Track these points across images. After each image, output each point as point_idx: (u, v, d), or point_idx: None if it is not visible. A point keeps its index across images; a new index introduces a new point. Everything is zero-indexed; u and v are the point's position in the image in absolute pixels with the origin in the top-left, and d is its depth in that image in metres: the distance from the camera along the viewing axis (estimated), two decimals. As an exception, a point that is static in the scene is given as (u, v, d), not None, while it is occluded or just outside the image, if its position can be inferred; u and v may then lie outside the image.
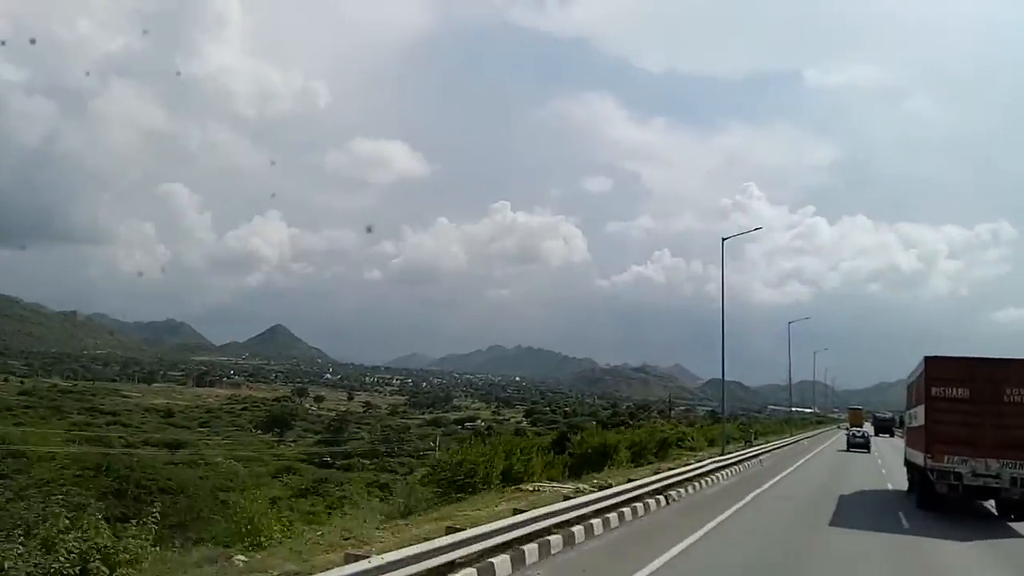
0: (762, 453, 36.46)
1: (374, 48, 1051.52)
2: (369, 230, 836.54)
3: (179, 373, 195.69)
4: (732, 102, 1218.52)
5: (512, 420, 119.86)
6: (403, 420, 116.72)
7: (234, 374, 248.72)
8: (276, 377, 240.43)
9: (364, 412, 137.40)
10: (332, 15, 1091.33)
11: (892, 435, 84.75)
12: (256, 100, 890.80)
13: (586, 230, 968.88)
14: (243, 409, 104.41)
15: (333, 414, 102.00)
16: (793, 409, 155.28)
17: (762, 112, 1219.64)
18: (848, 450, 48.86)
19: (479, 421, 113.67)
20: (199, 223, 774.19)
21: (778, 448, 43.72)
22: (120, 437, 68.03)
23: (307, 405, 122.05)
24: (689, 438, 39.18)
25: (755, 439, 44.49)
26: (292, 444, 74.44)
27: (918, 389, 20.51)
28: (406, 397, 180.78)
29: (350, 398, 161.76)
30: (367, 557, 7.24)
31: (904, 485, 24.63)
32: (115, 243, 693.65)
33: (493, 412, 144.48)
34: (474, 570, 8.85)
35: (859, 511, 19.50)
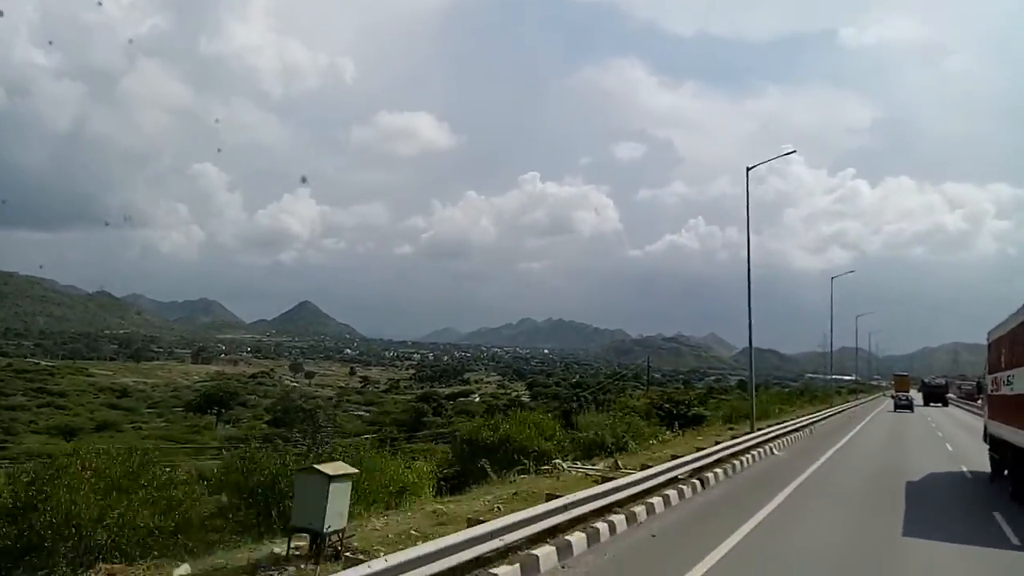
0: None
1: (398, 21, 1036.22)
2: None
3: (184, 351, 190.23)
4: (766, 64, 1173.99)
5: (513, 393, 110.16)
6: (394, 396, 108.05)
7: (249, 351, 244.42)
8: (290, 353, 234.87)
9: (361, 387, 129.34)
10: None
11: (946, 404, 74.54)
12: (282, 77, 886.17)
13: (617, 199, 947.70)
14: (214, 385, 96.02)
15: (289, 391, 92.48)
16: (831, 376, 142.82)
17: (797, 74, 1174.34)
18: (895, 410, 57.98)
19: (474, 396, 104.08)
20: (230, 202, 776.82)
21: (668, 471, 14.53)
22: (32, 422, 59.88)
23: (287, 381, 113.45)
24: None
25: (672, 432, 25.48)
26: (232, 426, 65.18)
27: (1013, 346, 15.97)
28: (413, 371, 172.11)
29: (352, 373, 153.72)
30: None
31: (981, 466, 20.71)
32: (152, 225, 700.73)
33: (498, 385, 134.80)
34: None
35: (938, 508, 15.01)
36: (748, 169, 23.14)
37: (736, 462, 19.16)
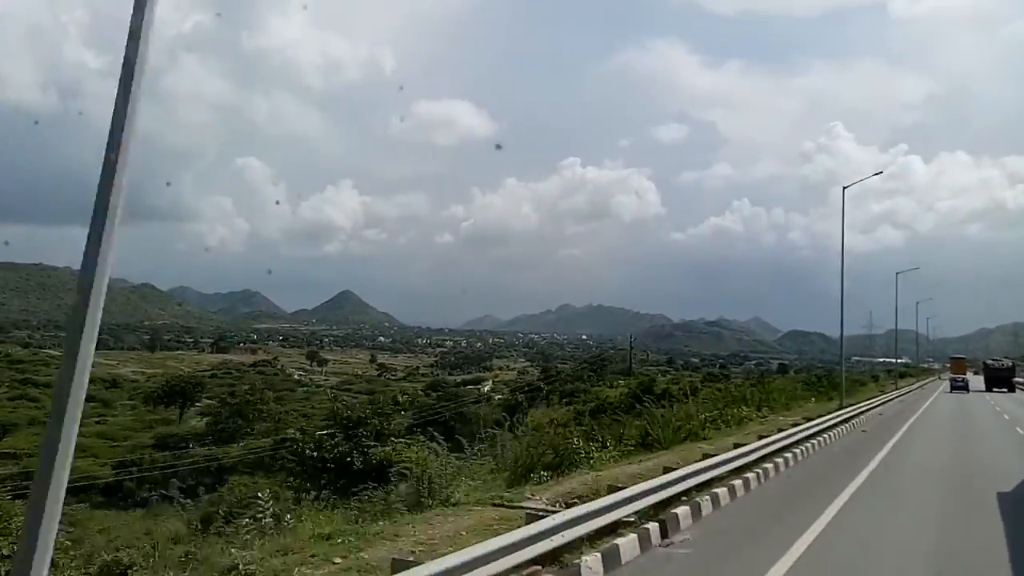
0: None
1: (435, 9, 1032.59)
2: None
3: (207, 340, 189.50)
4: (812, 40, 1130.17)
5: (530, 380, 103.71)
6: (403, 384, 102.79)
7: (282, 338, 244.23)
8: (321, 342, 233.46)
9: (377, 375, 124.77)
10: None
11: (1012, 389, 66.46)
12: (323, 71, 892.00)
13: (659, 182, 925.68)
14: (211, 376, 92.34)
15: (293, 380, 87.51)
16: (879, 360, 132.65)
17: (845, 49, 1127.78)
18: (951, 391, 60.60)
19: (485, 383, 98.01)
20: (274, 195, 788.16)
21: None
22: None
23: (291, 372, 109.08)
24: None
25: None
26: (204, 419, 60.16)
27: None
28: (436, 359, 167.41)
29: (372, 360, 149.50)
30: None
31: None
32: (199, 219, 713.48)
33: (519, 373, 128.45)
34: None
35: None
36: None
37: None
